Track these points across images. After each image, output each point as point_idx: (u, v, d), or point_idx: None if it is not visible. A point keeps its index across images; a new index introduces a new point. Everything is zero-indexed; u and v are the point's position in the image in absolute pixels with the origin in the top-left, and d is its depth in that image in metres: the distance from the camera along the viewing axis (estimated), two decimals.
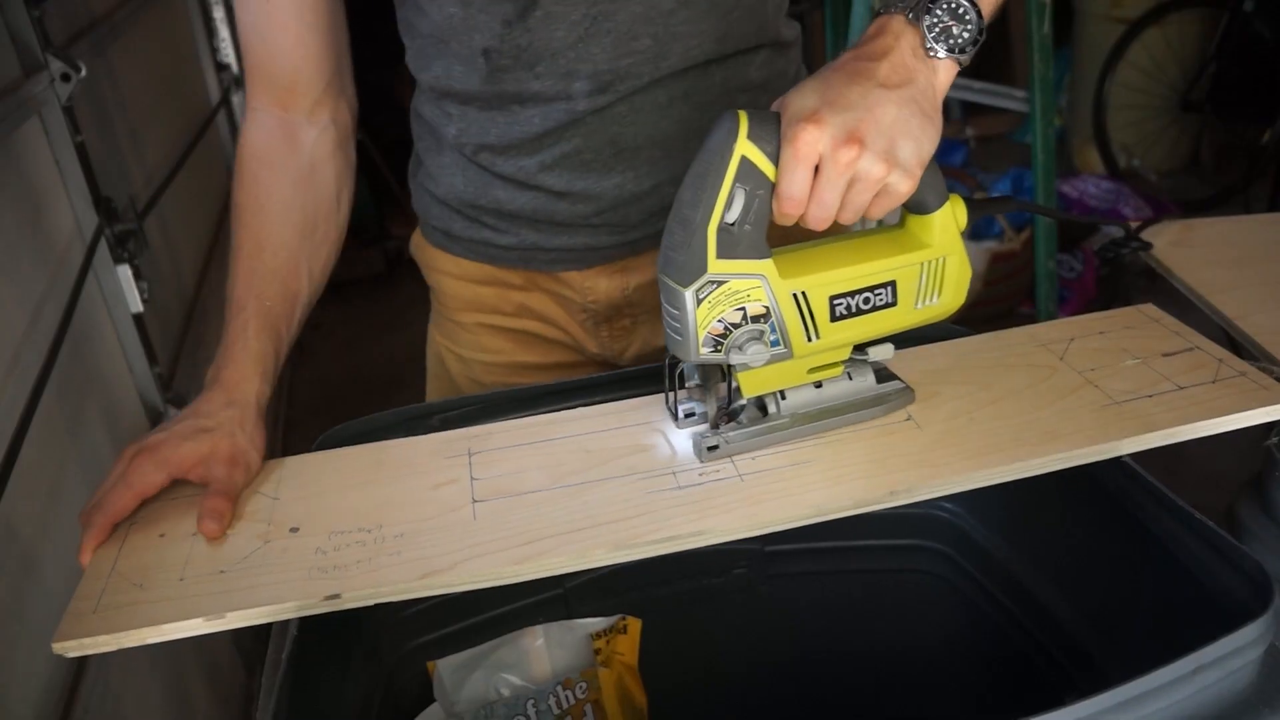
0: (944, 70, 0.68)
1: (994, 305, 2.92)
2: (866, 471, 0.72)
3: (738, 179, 0.66)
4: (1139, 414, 0.75)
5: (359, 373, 2.86)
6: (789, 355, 0.72)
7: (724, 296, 0.69)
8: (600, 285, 0.98)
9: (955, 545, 0.94)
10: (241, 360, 0.82)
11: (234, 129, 2.99)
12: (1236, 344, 0.87)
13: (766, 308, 0.70)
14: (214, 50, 2.92)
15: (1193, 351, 0.82)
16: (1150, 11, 3.59)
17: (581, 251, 0.95)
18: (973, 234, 2.82)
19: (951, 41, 0.67)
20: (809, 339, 0.72)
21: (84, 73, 1.43)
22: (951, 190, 0.74)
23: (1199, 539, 0.70)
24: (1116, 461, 0.76)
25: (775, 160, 0.66)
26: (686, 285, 0.68)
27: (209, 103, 2.82)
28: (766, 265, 0.69)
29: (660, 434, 0.79)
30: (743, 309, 0.70)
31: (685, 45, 0.86)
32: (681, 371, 0.77)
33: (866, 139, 0.64)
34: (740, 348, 0.70)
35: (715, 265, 0.68)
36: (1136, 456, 0.75)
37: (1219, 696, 0.59)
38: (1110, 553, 0.80)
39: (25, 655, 1.05)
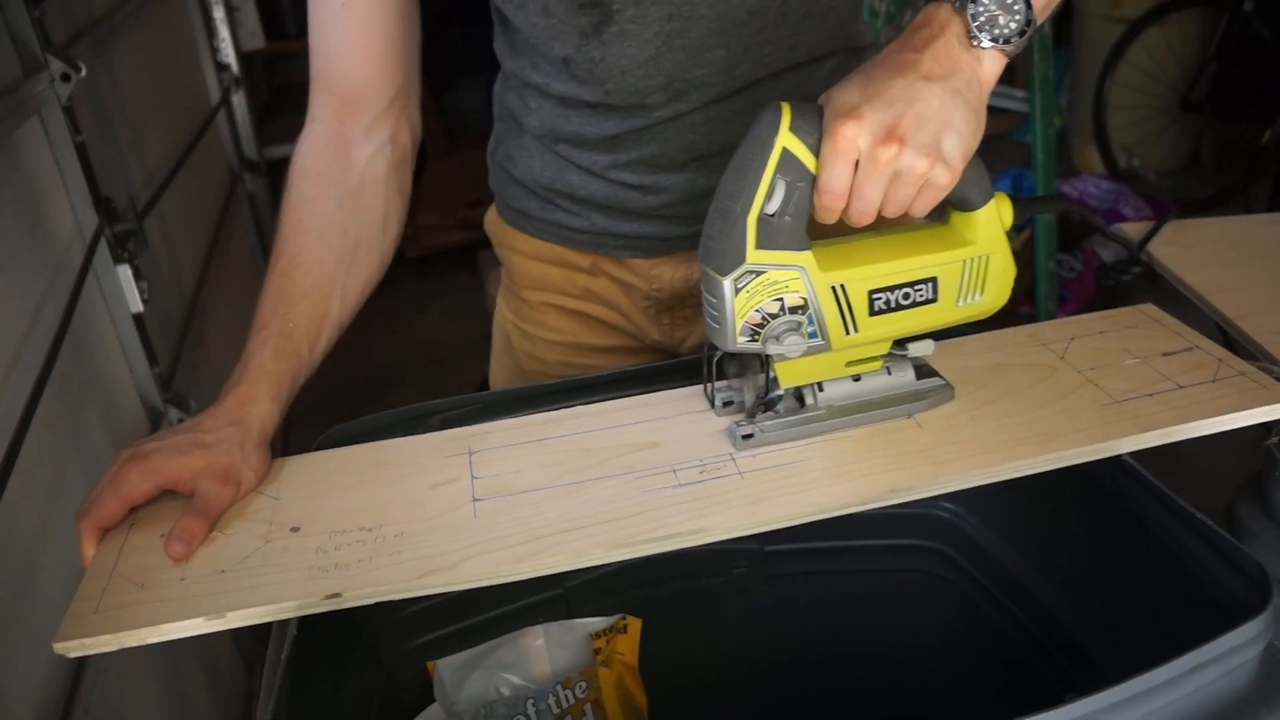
0: (990, 60, 0.67)
1: None
2: (867, 469, 0.72)
3: (779, 171, 0.66)
4: (1139, 413, 0.75)
5: (359, 373, 2.86)
6: (827, 348, 0.73)
7: (762, 287, 0.69)
8: (665, 274, 0.99)
9: (955, 545, 0.94)
10: (254, 380, 0.81)
11: (234, 129, 2.99)
12: (1232, 342, 0.87)
13: (805, 299, 0.70)
14: (214, 50, 2.92)
15: (1193, 351, 0.82)
16: (1150, 11, 3.59)
17: (650, 240, 0.96)
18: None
19: (997, 31, 0.66)
20: (847, 332, 0.72)
21: (84, 73, 1.43)
22: None
23: (1198, 538, 0.70)
24: (1116, 461, 0.76)
25: (817, 153, 0.66)
26: (725, 274, 0.69)
27: (209, 103, 2.82)
28: (806, 257, 0.69)
29: (661, 430, 0.79)
30: (781, 300, 0.70)
31: (759, 54, 0.86)
32: (720, 360, 0.78)
33: (908, 135, 0.64)
34: (778, 338, 0.71)
35: (754, 255, 0.68)
36: (1136, 456, 0.75)
37: (1218, 695, 0.59)
38: (1110, 552, 0.80)
39: (25, 655, 1.05)
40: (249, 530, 0.73)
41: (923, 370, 0.78)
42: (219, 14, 2.97)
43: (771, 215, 0.67)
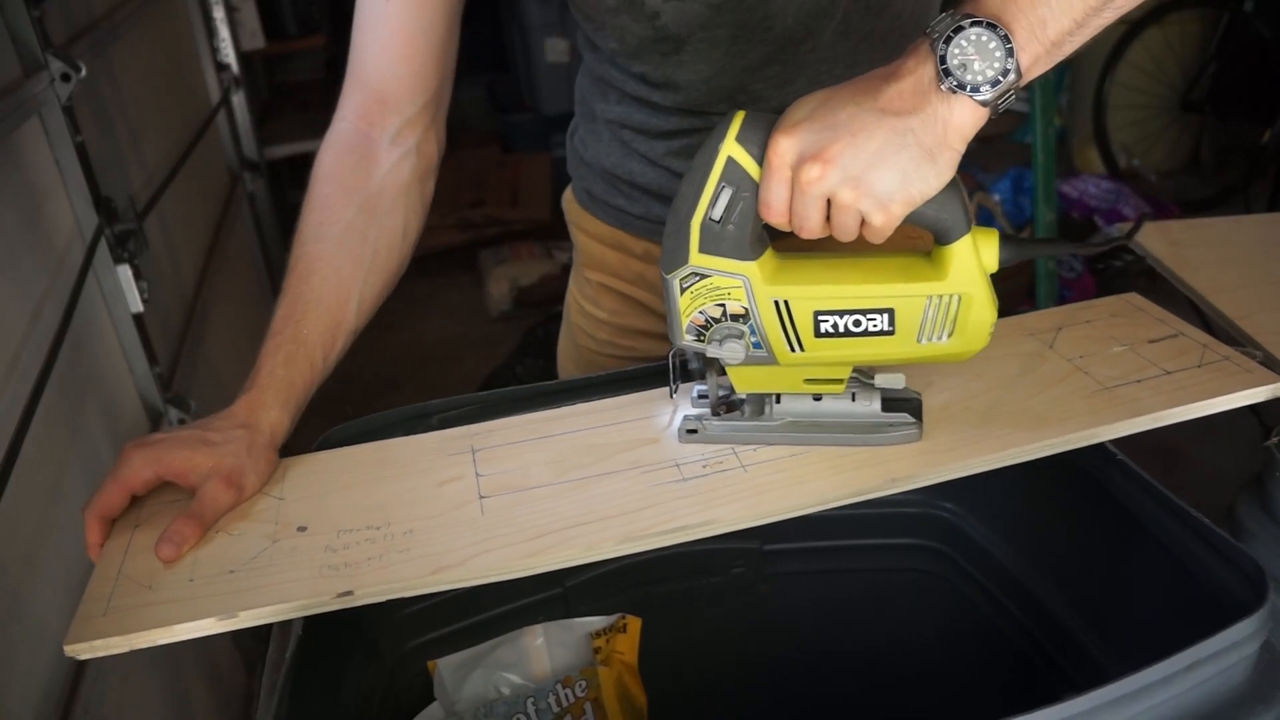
0: (962, 108, 0.61)
1: None
2: (866, 460, 0.73)
3: (723, 178, 0.67)
4: (1129, 399, 0.76)
5: (359, 373, 2.86)
6: (772, 361, 0.73)
7: (706, 290, 0.70)
8: None
9: (953, 544, 0.94)
10: (265, 386, 0.81)
11: (234, 129, 2.99)
12: (1209, 325, 0.88)
13: (746, 309, 0.71)
14: (214, 50, 2.92)
15: (1177, 338, 0.83)
16: (1150, 11, 3.59)
17: None
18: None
19: (969, 77, 0.60)
20: (792, 349, 0.72)
21: (84, 73, 1.43)
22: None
23: (1195, 536, 0.70)
24: (1113, 460, 0.76)
25: (763, 164, 0.66)
26: (670, 272, 0.70)
27: (209, 103, 2.82)
28: (749, 267, 0.69)
29: (661, 427, 0.80)
30: (723, 305, 0.71)
31: (814, 71, 0.88)
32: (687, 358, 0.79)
33: (836, 161, 0.62)
34: (720, 342, 0.72)
35: (697, 258, 0.69)
36: (1135, 454, 0.76)
37: (1214, 692, 0.60)
38: (1107, 550, 0.80)
39: (25, 655, 1.05)
40: (255, 530, 0.73)
41: (895, 404, 0.75)
42: (219, 14, 2.97)
43: (715, 221, 0.68)
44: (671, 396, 0.81)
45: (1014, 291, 2.96)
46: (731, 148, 0.66)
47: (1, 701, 0.98)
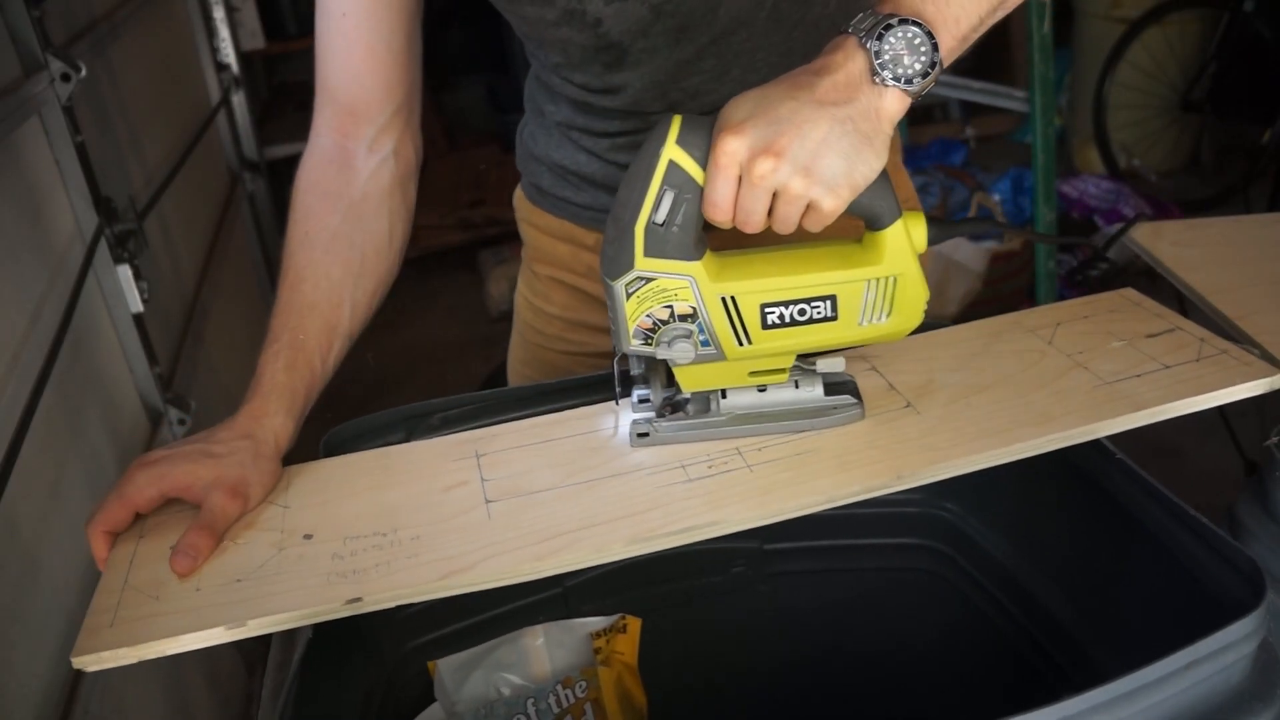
0: (892, 97, 0.66)
1: (994, 305, 2.92)
2: (871, 458, 0.73)
3: (665, 181, 0.68)
4: (1130, 393, 0.76)
5: (359, 373, 2.86)
6: (720, 357, 0.74)
7: (652, 293, 0.71)
8: None
9: (954, 544, 0.94)
10: (267, 393, 0.81)
11: (234, 129, 2.99)
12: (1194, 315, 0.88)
13: (694, 308, 0.71)
14: (214, 50, 2.92)
15: (1175, 333, 0.83)
16: (1150, 11, 3.59)
17: None
18: (973, 234, 2.83)
19: (901, 70, 0.66)
20: (740, 344, 0.73)
21: (84, 73, 1.43)
22: (953, 190, 0.74)
23: (1193, 535, 0.70)
24: (1113, 459, 0.76)
25: (705, 165, 0.67)
26: (616, 279, 0.71)
27: (209, 103, 2.82)
28: (695, 267, 0.70)
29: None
30: (670, 307, 0.71)
31: (749, 60, 0.89)
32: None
33: (786, 152, 0.65)
34: (669, 344, 0.72)
35: (642, 262, 0.70)
36: (1135, 455, 0.76)
37: (1212, 691, 0.60)
38: (1107, 550, 0.80)
39: (25, 656, 1.05)
40: (261, 539, 0.73)
41: (836, 387, 0.78)
42: (219, 14, 2.97)
43: (660, 224, 0.69)
44: (617, 404, 0.81)
45: (1014, 291, 2.96)
46: (673, 151, 0.67)
47: (2, 701, 0.98)
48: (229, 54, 2.99)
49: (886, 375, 0.83)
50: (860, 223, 0.73)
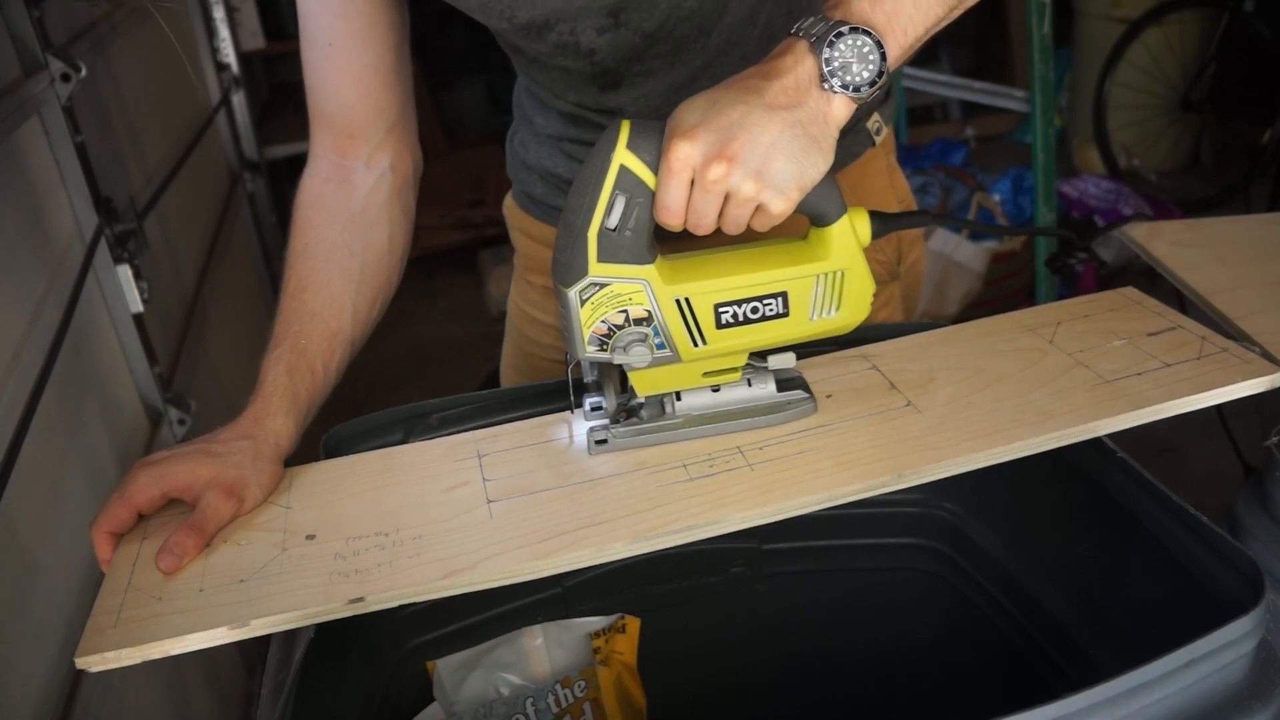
0: (839, 103, 0.68)
1: (994, 305, 2.92)
2: (872, 456, 0.73)
3: (617, 186, 0.68)
4: (1130, 391, 0.76)
5: (359, 373, 2.86)
6: (676, 359, 0.74)
7: (606, 299, 0.71)
8: None
9: (952, 544, 0.94)
10: (268, 395, 0.82)
11: (234, 129, 2.99)
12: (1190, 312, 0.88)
13: (649, 311, 0.72)
14: (214, 50, 2.92)
15: (1175, 331, 0.83)
16: (1150, 11, 3.59)
17: None
18: (972, 234, 2.82)
19: (849, 78, 0.67)
20: (695, 344, 0.74)
21: (84, 73, 1.43)
22: (953, 190, 0.75)
23: (1193, 534, 0.70)
24: (1112, 458, 0.76)
25: (656, 170, 0.68)
26: (569, 286, 0.71)
27: (209, 103, 2.82)
28: (649, 271, 0.71)
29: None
30: (625, 311, 0.72)
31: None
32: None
33: (738, 157, 0.66)
34: (625, 349, 0.73)
35: (596, 268, 0.70)
36: (1135, 455, 0.76)
37: (1211, 690, 0.60)
38: (1105, 549, 0.80)
39: (26, 655, 1.05)
40: (263, 540, 0.73)
41: (787, 383, 0.79)
42: (219, 14, 2.97)
43: (612, 229, 0.69)
44: (573, 412, 0.81)
45: (1014, 291, 2.96)
46: (623, 156, 0.68)
47: (1, 701, 0.98)
48: (229, 54, 2.99)
49: (887, 374, 0.83)
50: (805, 220, 0.74)
